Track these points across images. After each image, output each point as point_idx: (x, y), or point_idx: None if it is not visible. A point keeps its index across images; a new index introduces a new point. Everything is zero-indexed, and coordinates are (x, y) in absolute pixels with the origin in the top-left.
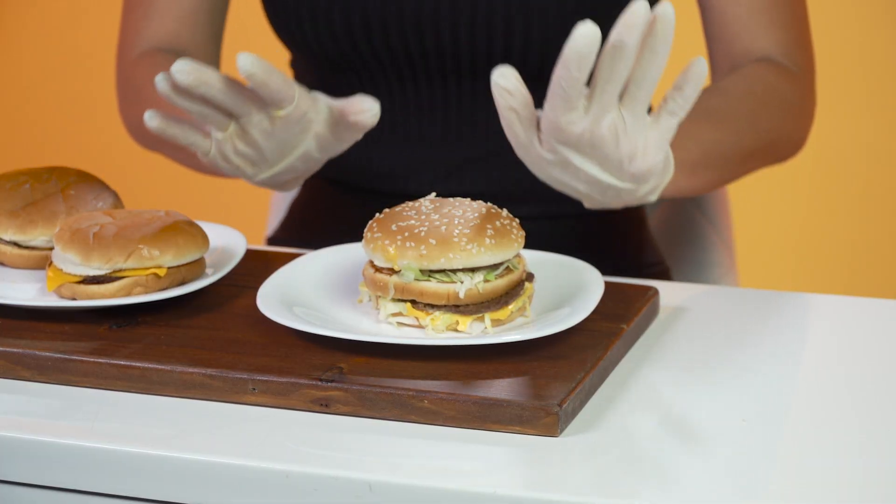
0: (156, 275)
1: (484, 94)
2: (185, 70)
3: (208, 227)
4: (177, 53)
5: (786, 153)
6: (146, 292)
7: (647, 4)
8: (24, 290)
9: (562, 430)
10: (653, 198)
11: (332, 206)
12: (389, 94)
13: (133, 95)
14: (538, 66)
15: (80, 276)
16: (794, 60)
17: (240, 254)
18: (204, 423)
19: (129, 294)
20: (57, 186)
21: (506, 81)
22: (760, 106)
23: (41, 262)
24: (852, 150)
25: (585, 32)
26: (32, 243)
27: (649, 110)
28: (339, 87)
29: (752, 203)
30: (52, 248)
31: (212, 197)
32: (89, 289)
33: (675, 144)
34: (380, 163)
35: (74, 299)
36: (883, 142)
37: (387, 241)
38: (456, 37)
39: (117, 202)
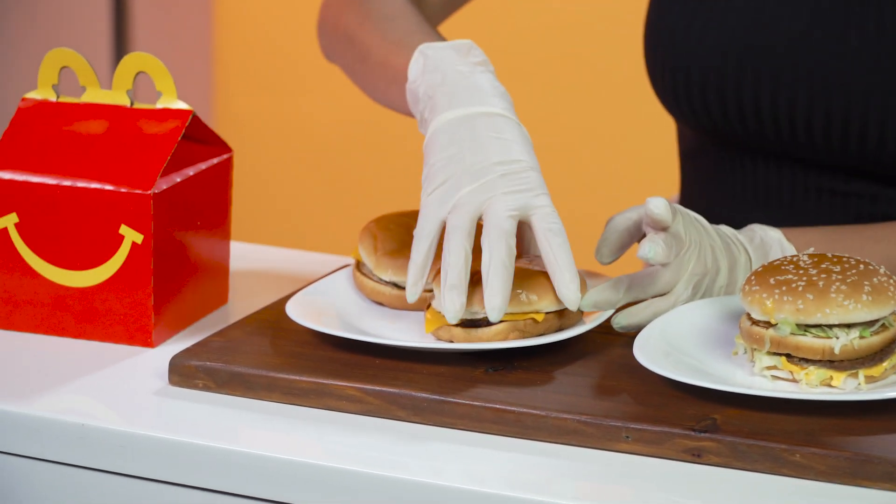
0: (533, 320)
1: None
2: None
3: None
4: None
5: None
6: (523, 337)
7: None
8: (402, 331)
9: None
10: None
11: None
12: (754, 172)
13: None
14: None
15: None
16: None
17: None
18: (575, 470)
19: (506, 338)
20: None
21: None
22: None
23: (419, 303)
24: None
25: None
26: None
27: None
28: (712, 154)
29: None
30: (430, 290)
31: None
32: (467, 332)
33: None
34: None
35: (452, 342)
36: None
37: (764, 295)
38: (827, 135)
39: None
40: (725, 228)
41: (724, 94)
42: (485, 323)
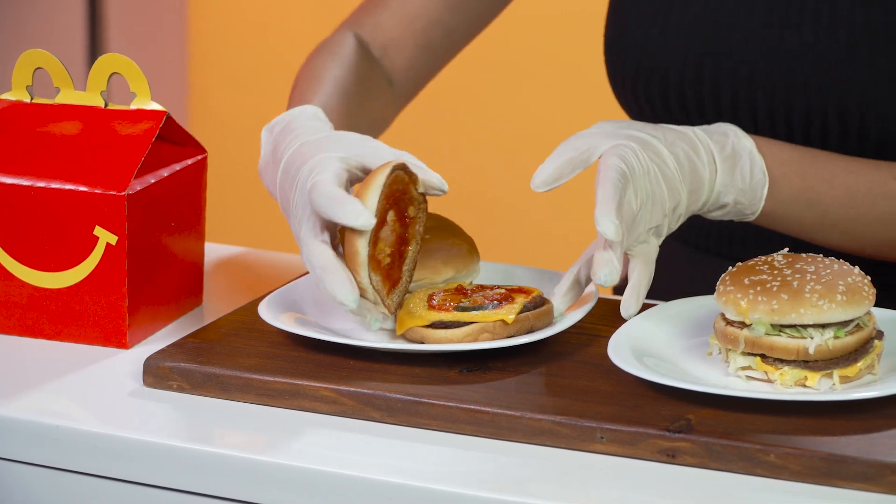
0: (504, 321)
1: None
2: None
3: (558, 274)
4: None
5: None
6: (493, 338)
7: None
8: (376, 333)
9: None
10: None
11: (683, 263)
12: None
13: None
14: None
15: (430, 320)
16: None
17: (591, 302)
18: (549, 471)
19: (476, 340)
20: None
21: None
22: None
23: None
24: None
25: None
26: None
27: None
28: None
29: None
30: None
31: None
32: (438, 333)
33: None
34: (732, 230)
35: (423, 343)
36: None
37: (739, 295)
38: (788, 100)
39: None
40: (696, 133)
41: (684, 96)
42: (455, 325)
